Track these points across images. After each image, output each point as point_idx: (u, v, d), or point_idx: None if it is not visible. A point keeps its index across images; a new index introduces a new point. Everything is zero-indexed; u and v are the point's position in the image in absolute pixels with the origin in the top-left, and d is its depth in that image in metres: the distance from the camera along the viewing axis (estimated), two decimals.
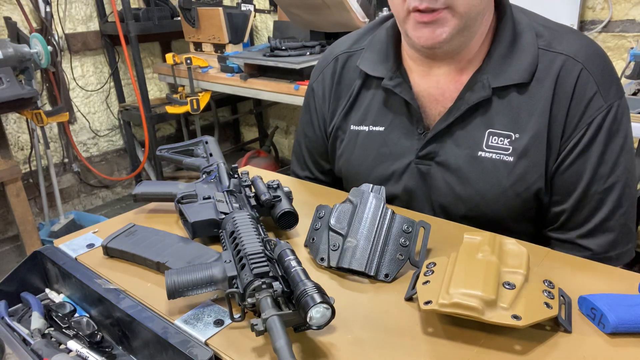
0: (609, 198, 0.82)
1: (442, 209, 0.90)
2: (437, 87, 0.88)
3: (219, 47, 2.80)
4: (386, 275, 0.68)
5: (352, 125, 0.97)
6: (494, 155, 0.83)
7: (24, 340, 0.68)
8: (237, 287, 0.59)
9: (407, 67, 0.91)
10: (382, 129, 0.93)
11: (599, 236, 0.83)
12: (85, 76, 3.05)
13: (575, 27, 2.04)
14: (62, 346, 0.67)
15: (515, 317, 0.53)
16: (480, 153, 0.84)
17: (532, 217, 0.88)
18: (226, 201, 0.79)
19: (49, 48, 2.20)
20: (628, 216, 0.84)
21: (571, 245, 0.86)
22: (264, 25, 3.33)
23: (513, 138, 0.82)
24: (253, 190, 0.83)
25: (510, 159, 0.82)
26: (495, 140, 0.83)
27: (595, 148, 0.80)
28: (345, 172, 1.00)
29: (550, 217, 0.87)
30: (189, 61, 2.58)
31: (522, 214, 0.86)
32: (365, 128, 0.95)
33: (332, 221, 0.72)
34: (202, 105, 2.71)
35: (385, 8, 2.18)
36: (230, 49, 2.75)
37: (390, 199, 0.93)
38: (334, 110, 1.00)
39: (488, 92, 0.82)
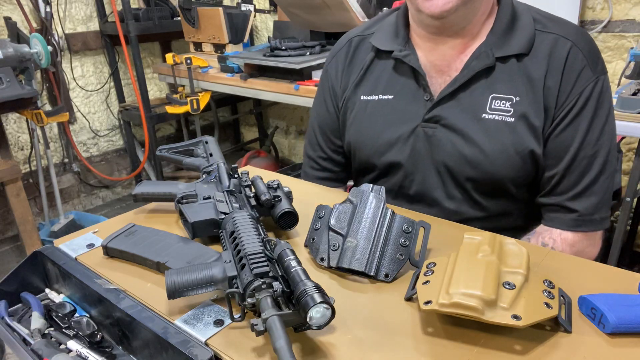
0: (595, 163, 0.89)
1: (447, 170, 0.95)
2: (442, 59, 0.94)
3: (219, 47, 2.80)
4: (386, 275, 0.68)
5: (362, 96, 1.03)
6: (496, 117, 0.90)
7: (24, 340, 0.68)
8: (237, 287, 0.59)
9: (415, 46, 0.98)
10: (391, 97, 0.99)
11: (585, 198, 0.90)
12: (85, 76, 3.05)
13: None
14: (62, 346, 0.67)
15: (515, 317, 0.53)
16: (484, 115, 0.91)
17: (530, 182, 0.94)
18: (226, 201, 0.79)
19: (49, 48, 2.20)
20: (609, 182, 0.91)
21: (559, 208, 0.92)
22: (264, 25, 3.33)
23: (514, 101, 0.89)
24: (253, 190, 0.83)
25: (512, 119, 0.89)
26: (497, 103, 0.90)
27: (585, 115, 0.88)
28: (354, 141, 1.04)
29: (543, 182, 0.93)
30: (189, 61, 2.58)
31: (521, 177, 0.92)
32: (375, 97, 1.01)
33: (332, 221, 0.72)
34: (202, 105, 2.70)
35: (385, 8, 2.18)
36: (230, 49, 2.75)
37: (397, 163, 0.99)
38: (345, 85, 1.06)
39: (492, 61, 0.90)
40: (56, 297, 0.78)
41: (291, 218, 0.79)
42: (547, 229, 0.93)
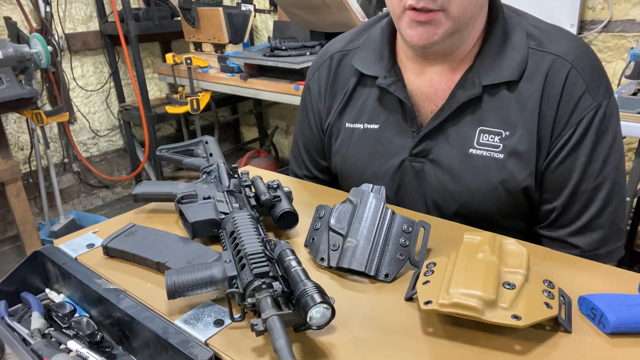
0: (598, 196, 0.83)
1: (435, 206, 0.91)
2: (430, 85, 0.89)
3: (219, 47, 2.80)
4: (386, 275, 0.68)
5: (347, 123, 0.98)
6: (484, 153, 0.85)
7: (24, 340, 0.68)
8: (237, 287, 0.59)
9: (401, 66, 0.92)
10: (376, 126, 0.94)
11: (588, 234, 0.84)
12: (85, 76, 3.05)
13: (575, 27, 2.04)
14: (62, 346, 0.67)
15: (515, 317, 0.53)
16: (471, 150, 0.85)
17: (524, 214, 0.89)
18: (226, 201, 0.79)
19: (49, 48, 2.20)
20: (617, 214, 0.85)
21: (561, 243, 0.87)
22: (264, 25, 3.34)
23: (503, 135, 0.83)
24: (253, 190, 0.83)
25: (501, 156, 0.84)
26: (486, 137, 0.85)
27: (584, 146, 0.81)
28: (340, 169, 1.01)
29: (541, 214, 0.88)
30: (189, 61, 2.58)
31: (512, 211, 0.87)
32: (360, 126, 0.96)
33: (332, 221, 0.72)
34: (202, 105, 2.71)
35: (385, 8, 2.18)
36: (230, 49, 2.75)
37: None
38: (329, 107, 1.01)
39: (478, 90, 0.83)
40: (56, 297, 0.78)
41: (291, 218, 0.79)
42: None
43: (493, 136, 0.84)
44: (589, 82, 0.81)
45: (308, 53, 2.21)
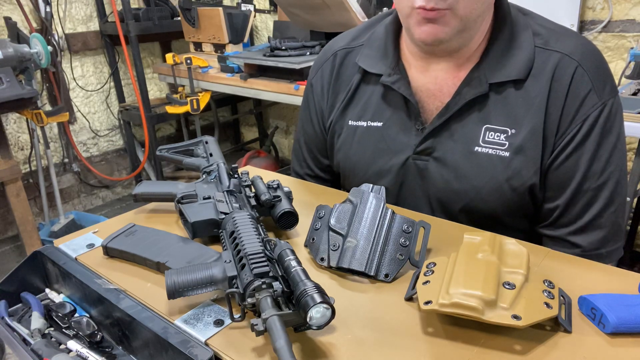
0: (601, 195, 0.83)
1: (440, 204, 0.91)
2: (435, 82, 0.89)
3: (219, 47, 2.81)
4: (386, 275, 0.68)
5: (350, 121, 0.97)
6: (490, 151, 0.84)
7: (24, 340, 0.68)
8: (237, 287, 0.59)
9: (405, 63, 0.92)
10: (380, 124, 0.94)
11: (590, 233, 0.84)
12: (85, 76, 3.05)
13: (575, 27, 2.04)
14: (62, 346, 0.67)
15: (515, 317, 0.53)
16: (476, 148, 0.85)
17: (527, 213, 0.89)
18: (226, 201, 0.79)
19: (49, 48, 2.20)
20: (618, 214, 0.85)
21: (562, 242, 0.87)
22: (264, 25, 3.33)
23: (509, 133, 0.83)
24: (253, 190, 0.83)
25: (506, 154, 0.83)
26: (491, 135, 0.84)
27: (589, 145, 0.81)
28: (343, 166, 1.00)
29: (543, 213, 0.88)
30: (189, 61, 2.58)
31: (517, 210, 0.87)
32: (364, 123, 0.95)
33: (332, 221, 0.72)
34: (202, 105, 2.71)
35: (385, 8, 2.18)
36: (230, 49, 2.75)
37: (388, 194, 0.93)
38: (332, 105, 1.00)
39: (485, 88, 0.83)
40: (56, 297, 0.78)
41: (291, 218, 0.79)
42: None
43: (499, 134, 0.84)
44: (595, 80, 0.81)
45: (308, 53, 2.21)
